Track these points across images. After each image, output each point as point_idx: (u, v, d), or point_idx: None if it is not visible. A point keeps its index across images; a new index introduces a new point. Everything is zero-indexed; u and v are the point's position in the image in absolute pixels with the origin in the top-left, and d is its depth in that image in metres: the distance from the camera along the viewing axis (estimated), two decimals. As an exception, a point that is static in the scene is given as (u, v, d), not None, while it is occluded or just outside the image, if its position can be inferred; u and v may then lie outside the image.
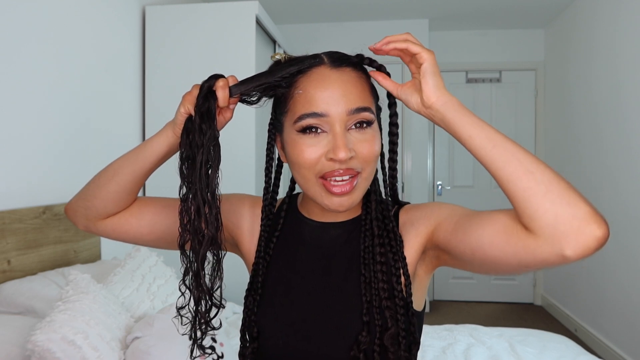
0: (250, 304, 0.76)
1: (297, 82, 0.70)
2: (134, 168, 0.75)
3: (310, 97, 0.68)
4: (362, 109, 0.69)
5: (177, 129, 0.70)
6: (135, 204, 0.81)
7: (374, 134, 0.70)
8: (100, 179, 0.78)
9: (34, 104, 1.77)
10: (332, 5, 3.68)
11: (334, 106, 0.67)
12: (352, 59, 0.73)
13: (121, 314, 1.42)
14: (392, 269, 0.71)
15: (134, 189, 0.77)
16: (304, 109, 0.68)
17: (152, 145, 0.73)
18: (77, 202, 0.80)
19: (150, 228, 0.80)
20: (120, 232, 0.80)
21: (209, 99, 0.67)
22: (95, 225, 0.80)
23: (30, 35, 1.75)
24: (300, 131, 0.68)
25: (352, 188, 0.69)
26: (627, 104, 2.81)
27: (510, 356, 1.73)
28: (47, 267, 1.75)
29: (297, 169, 0.71)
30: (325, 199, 0.69)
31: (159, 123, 2.87)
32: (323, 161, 0.68)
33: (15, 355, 1.21)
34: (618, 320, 2.88)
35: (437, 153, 4.38)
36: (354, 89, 0.69)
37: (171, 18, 2.52)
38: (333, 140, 0.67)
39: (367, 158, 0.69)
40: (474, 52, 4.27)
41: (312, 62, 0.70)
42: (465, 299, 4.30)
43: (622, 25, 2.88)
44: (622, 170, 2.86)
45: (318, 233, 0.78)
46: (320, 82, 0.69)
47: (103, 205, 0.77)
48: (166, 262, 1.87)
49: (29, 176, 1.75)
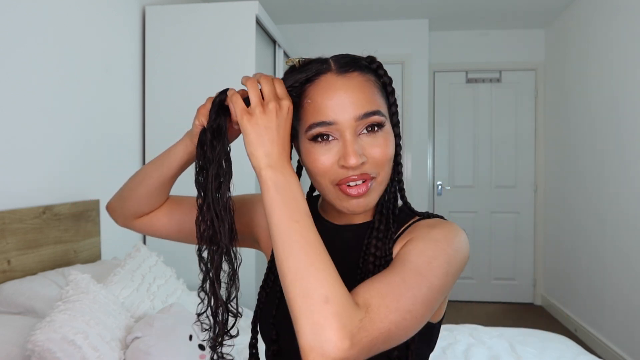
0: (262, 298, 0.78)
1: (306, 90, 0.71)
2: (160, 173, 0.80)
3: (318, 106, 0.69)
4: (370, 113, 0.68)
5: (195, 138, 0.73)
6: (166, 203, 0.86)
7: (385, 137, 0.70)
8: (132, 183, 0.83)
9: (33, 104, 1.77)
10: (332, 5, 3.68)
11: (341, 114, 0.68)
12: (360, 62, 0.73)
13: (121, 314, 1.42)
14: (384, 261, 0.71)
15: (162, 191, 0.82)
16: (313, 118, 0.69)
17: (174, 153, 0.78)
18: (115, 202, 0.87)
19: (179, 226, 0.85)
20: (154, 229, 0.86)
21: (220, 115, 0.69)
22: (132, 223, 0.86)
23: (30, 35, 1.75)
24: (311, 140, 0.69)
25: (368, 190, 0.69)
26: (626, 104, 2.82)
27: (510, 356, 1.73)
28: (47, 267, 1.75)
29: (313, 176, 0.72)
30: (343, 201, 0.70)
31: (159, 123, 2.85)
32: (336, 168, 0.68)
33: (15, 355, 1.21)
34: (618, 320, 2.88)
35: (437, 153, 4.38)
36: (362, 94, 0.69)
37: (171, 18, 2.52)
38: (343, 147, 0.68)
39: (379, 162, 0.69)
40: (474, 52, 4.27)
41: (319, 69, 0.71)
42: (465, 299, 4.30)
43: (621, 26, 2.88)
44: (620, 170, 2.86)
45: (332, 235, 0.78)
46: (327, 91, 0.69)
47: (136, 206, 0.83)
48: (166, 262, 1.87)
49: (29, 176, 1.75)
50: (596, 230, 3.19)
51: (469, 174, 4.33)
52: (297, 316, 0.55)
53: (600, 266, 3.13)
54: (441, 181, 4.38)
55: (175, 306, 1.50)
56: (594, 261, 3.22)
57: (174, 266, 1.89)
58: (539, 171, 4.24)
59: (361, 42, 4.02)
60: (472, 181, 4.34)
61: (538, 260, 4.24)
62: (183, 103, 2.36)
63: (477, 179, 4.32)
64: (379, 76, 0.73)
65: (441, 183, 4.38)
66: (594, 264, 3.22)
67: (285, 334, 0.73)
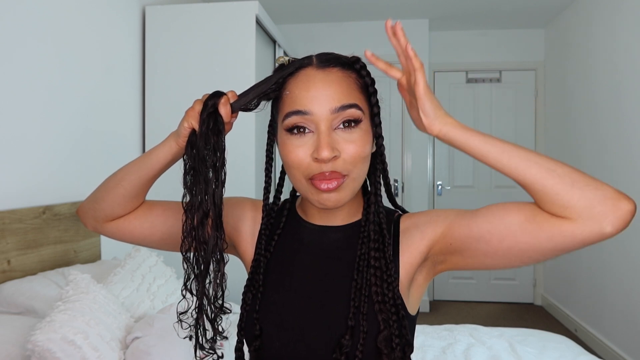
0: (249, 300, 0.77)
1: (286, 83, 0.72)
2: (139, 174, 0.78)
3: (295, 97, 0.70)
4: (347, 106, 0.69)
5: (181, 140, 0.73)
6: (141, 207, 0.84)
7: (362, 135, 0.70)
8: (108, 184, 0.81)
9: (34, 104, 1.77)
10: (332, 5, 3.68)
11: (317, 105, 0.68)
12: (342, 59, 0.74)
13: (121, 314, 1.42)
14: (385, 275, 0.71)
15: (139, 194, 0.81)
16: (289, 107, 0.70)
17: (156, 154, 0.77)
18: (88, 204, 0.84)
19: (152, 230, 0.83)
20: (125, 233, 0.83)
21: (215, 116, 0.70)
22: (102, 226, 0.84)
23: (30, 36, 1.75)
24: (287, 130, 0.70)
25: (339, 186, 0.69)
26: (626, 104, 2.81)
27: (510, 356, 1.73)
28: (47, 267, 1.75)
29: (288, 169, 0.73)
30: (314, 195, 0.71)
31: (158, 123, 2.85)
32: (309, 162, 0.69)
33: (15, 355, 1.21)
34: (618, 320, 2.88)
35: (437, 153, 4.38)
36: (339, 88, 0.70)
37: (171, 18, 2.53)
38: (317, 139, 0.68)
39: (352, 159, 0.69)
40: (474, 52, 4.26)
41: (302, 63, 0.72)
42: (465, 299, 4.30)
43: (621, 25, 2.88)
44: (621, 169, 2.86)
45: (317, 237, 0.78)
46: (305, 83, 0.70)
47: (110, 207, 0.81)
48: (166, 262, 1.87)
49: (29, 176, 1.75)
50: (596, 230, 3.19)
51: (469, 174, 4.33)
52: (584, 192, 0.61)
53: (600, 266, 3.13)
54: (441, 181, 4.38)
55: (175, 306, 1.50)
56: (594, 261, 3.22)
57: (174, 266, 1.89)
58: (539, 171, 4.24)
59: (361, 42, 4.01)
60: (472, 181, 4.34)
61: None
62: (183, 103, 2.35)
63: (477, 179, 4.32)
64: (361, 76, 0.74)
65: (441, 183, 4.38)
66: (594, 263, 3.22)
67: (268, 329, 0.73)
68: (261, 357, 0.74)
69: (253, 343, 0.74)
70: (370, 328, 0.69)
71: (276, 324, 0.74)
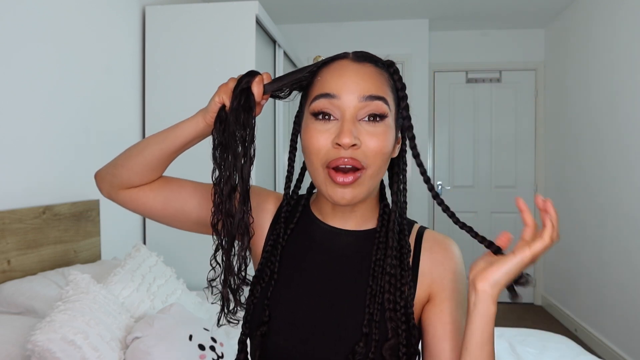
0: (257, 293, 0.76)
1: (319, 72, 0.74)
2: (161, 147, 0.78)
3: (325, 81, 0.71)
4: (375, 97, 0.69)
5: (209, 116, 0.73)
6: (158, 180, 0.84)
7: (385, 130, 0.71)
8: (131, 151, 0.81)
9: (34, 104, 1.77)
10: (332, 5, 3.68)
11: (346, 91, 0.69)
12: (377, 58, 0.75)
13: (121, 314, 1.42)
14: (399, 283, 0.71)
15: (159, 166, 0.80)
16: (318, 90, 0.71)
17: (182, 128, 0.77)
18: (106, 169, 0.84)
19: (164, 204, 0.83)
20: (138, 203, 0.83)
21: (247, 93, 0.71)
22: (117, 193, 0.83)
23: (30, 36, 1.75)
24: (313, 115, 0.71)
25: (355, 180, 0.69)
26: (626, 104, 2.81)
27: (510, 356, 1.73)
28: (47, 267, 1.75)
29: (307, 155, 0.73)
30: (329, 188, 0.70)
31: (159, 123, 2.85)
32: (330, 148, 0.69)
33: (15, 355, 1.21)
34: (618, 320, 2.88)
35: (437, 153, 4.38)
36: (370, 80, 0.71)
37: (171, 18, 2.52)
38: (341, 126, 0.69)
39: (372, 153, 0.69)
40: (474, 52, 4.27)
41: (338, 56, 0.74)
42: (465, 299, 4.29)
43: (621, 25, 2.88)
44: (621, 169, 2.86)
45: (329, 237, 0.78)
46: (338, 70, 0.72)
47: (127, 175, 0.80)
48: (166, 262, 1.87)
49: (29, 176, 1.75)
50: (596, 230, 3.19)
51: (469, 174, 4.33)
52: None
53: (600, 266, 3.13)
54: (441, 181, 4.38)
55: (175, 306, 1.50)
56: (595, 261, 3.22)
57: (174, 266, 1.88)
58: (539, 171, 4.24)
59: (361, 42, 4.01)
60: (472, 181, 4.34)
61: (538, 260, 4.24)
62: (183, 103, 2.36)
63: (477, 179, 4.32)
64: (393, 79, 0.75)
65: (441, 183, 4.38)
66: (595, 263, 3.21)
67: (276, 318, 0.73)
68: (265, 346, 0.73)
69: (260, 328, 0.72)
70: (381, 336, 0.69)
71: (285, 316, 0.73)
